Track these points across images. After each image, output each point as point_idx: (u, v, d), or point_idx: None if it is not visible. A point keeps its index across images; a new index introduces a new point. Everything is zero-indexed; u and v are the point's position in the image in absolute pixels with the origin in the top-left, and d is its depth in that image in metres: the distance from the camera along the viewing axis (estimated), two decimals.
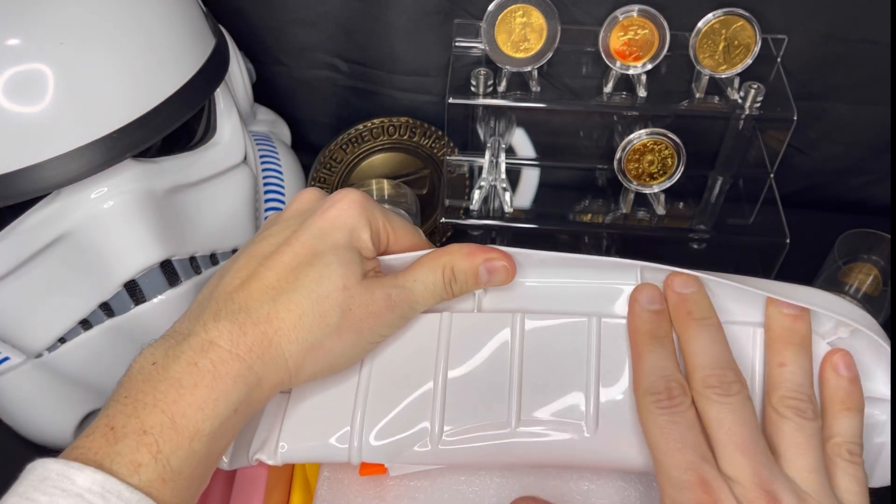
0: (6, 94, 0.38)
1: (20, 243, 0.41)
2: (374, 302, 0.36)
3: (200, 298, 0.36)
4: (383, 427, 0.37)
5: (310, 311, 0.34)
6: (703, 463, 0.32)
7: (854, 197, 0.67)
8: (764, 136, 0.57)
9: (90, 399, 0.48)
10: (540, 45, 0.53)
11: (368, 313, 0.35)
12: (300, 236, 0.36)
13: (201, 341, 0.32)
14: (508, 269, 0.38)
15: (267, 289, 0.34)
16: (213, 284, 0.36)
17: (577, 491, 0.39)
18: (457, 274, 0.38)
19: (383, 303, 0.36)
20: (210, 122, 0.49)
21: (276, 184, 0.56)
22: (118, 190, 0.41)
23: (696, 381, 0.35)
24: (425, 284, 0.37)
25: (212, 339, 0.32)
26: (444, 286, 0.38)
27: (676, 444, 0.33)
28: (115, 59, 0.40)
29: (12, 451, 0.51)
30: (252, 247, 0.37)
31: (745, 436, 0.33)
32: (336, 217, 0.37)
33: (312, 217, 0.37)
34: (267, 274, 0.35)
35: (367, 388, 0.38)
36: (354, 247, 0.36)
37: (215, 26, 0.51)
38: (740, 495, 0.32)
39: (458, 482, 0.40)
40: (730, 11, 0.51)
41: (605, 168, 0.61)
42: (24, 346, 0.46)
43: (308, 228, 0.36)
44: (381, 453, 0.37)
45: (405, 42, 0.60)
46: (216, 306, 0.34)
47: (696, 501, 0.31)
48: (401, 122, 0.63)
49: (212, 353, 0.32)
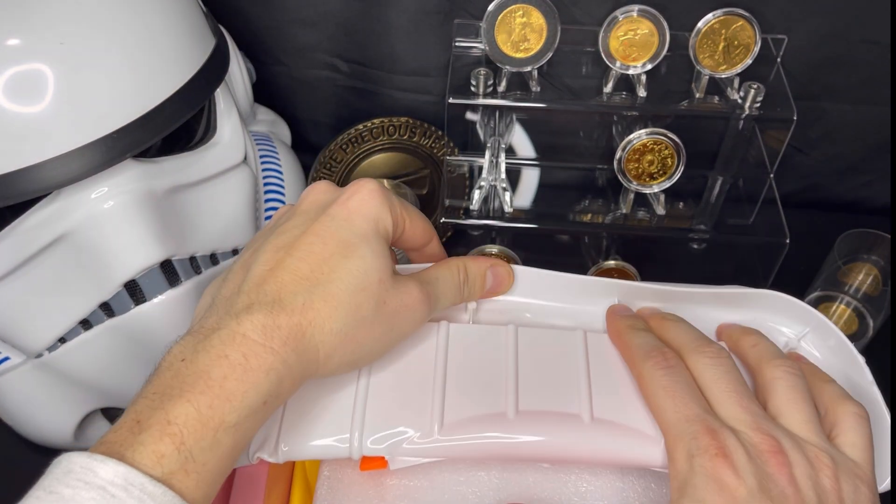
0: (6, 94, 0.38)
1: (20, 243, 0.41)
2: (409, 294, 0.36)
3: (227, 293, 0.35)
4: (383, 423, 0.37)
5: (346, 302, 0.34)
6: (707, 414, 0.34)
7: (854, 197, 0.67)
8: (764, 136, 0.57)
9: (90, 399, 0.48)
10: (540, 45, 0.53)
11: (402, 305, 0.36)
12: (327, 226, 0.36)
13: (232, 334, 0.32)
14: (510, 275, 0.41)
15: (301, 279, 0.34)
16: (238, 278, 0.35)
17: (575, 492, 0.39)
18: (469, 275, 0.40)
19: (417, 295, 0.37)
20: (210, 122, 0.49)
21: (276, 184, 0.56)
22: (118, 190, 0.41)
23: (687, 352, 0.37)
24: (446, 282, 0.39)
25: (244, 331, 0.32)
26: (460, 286, 0.40)
27: (681, 400, 0.35)
28: (115, 59, 0.40)
29: (12, 451, 0.51)
30: (275, 238, 0.36)
31: (741, 392, 0.35)
32: (359, 207, 0.36)
33: (334, 206, 0.37)
34: (299, 265, 0.34)
35: (366, 389, 0.38)
36: (381, 237, 0.37)
37: (215, 26, 0.51)
38: (744, 440, 0.33)
39: (457, 482, 0.40)
40: (730, 11, 0.51)
41: (605, 168, 0.61)
42: (24, 346, 0.46)
43: (333, 219, 0.36)
44: (381, 446, 0.37)
45: (405, 42, 0.60)
46: (247, 299, 0.33)
47: (705, 447, 0.33)
48: (401, 122, 0.63)
49: (244, 346, 0.31)
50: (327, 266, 0.34)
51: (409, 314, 0.37)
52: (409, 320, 0.37)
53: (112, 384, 0.47)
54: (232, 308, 0.33)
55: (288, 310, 0.33)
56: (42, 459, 0.52)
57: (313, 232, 0.35)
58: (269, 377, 0.31)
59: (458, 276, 0.39)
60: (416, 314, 0.37)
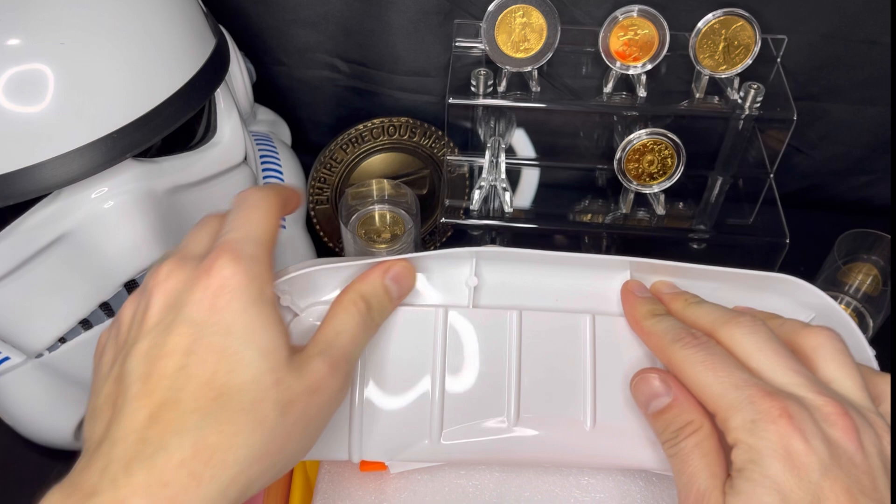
0: (6, 94, 0.38)
1: (20, 243, 0.41)
2: (314, 376, 0.31)
3: (97, 436, 0.29)
4: (382, 428, 0.37)
5: (244, 424, 0.28)
6: (757, 380, 0.31)
7: (854, 197, 0.67)
8: (764, 136, 0.57)
9: None
10: (540, 45, 0.53)
11: (311, 395, 0.30)
12: (196, 337, 0.29)
13: (111, 502, 0.26)
14: (408, 269, 0.36)
15: (186, 415, 0.28)
16: (106, 416, 0.29)
17: (577, 485, 0.39)
18: (368, 300, 0.34)
19: (324, 373, 0.31)
20: (210, 122, 0.49)
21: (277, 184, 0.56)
22: (118, 190, 0.41)
23: (718, 326, 0.34)
24: (348, 330, 0.33)
25: (123, 498, 0.26)
26: (365, 319, 0.34)
27: (724, 371, 0.31)
28: (115, 59, 0.40)
29: (12, 451, 0.51)
30: (135, 363, 0.29)
31: (790, 356, 0.32)
32: (226, 292, 0.30)
33: (192, 306, 0.30)
34: (179, 397, 0.28)
35: (363, 389, 0.37)
36: (267, 308, 0.30)
37: (215, 26, 0.51)
38: (807, 404, 0.30)
39: (458, 476, 0.40)
40: (730, 11, 0.51)
41: (605, 168, 0.61)
42: (25, 346, 0.46)
43: (195, 326, 0.29)
44: (380, 452, 0.37)
45: (405, 42, 0.60)
46: (124, 452, 0.27)
47: (766, 410, 0.29)
48: (401, 122, 0.63)
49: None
50: (211, 389, 0.28)
51: (322, 398, 0.31)
52: (326, 404, 0.31)
53: None
54: (108, 465, 0.27)
55: (176, 457, 0.27)
56: (42, 459, 0.52)
57: (185, 351, 0.29)
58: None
59: (358, 314, 0.34)
60: (329, 395, 0.31)
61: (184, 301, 0.30)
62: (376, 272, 0.35)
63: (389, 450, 0.37)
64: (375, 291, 0.35)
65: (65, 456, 0.50)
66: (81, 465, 0.28)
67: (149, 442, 0.27)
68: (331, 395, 0.32)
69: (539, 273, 0.39)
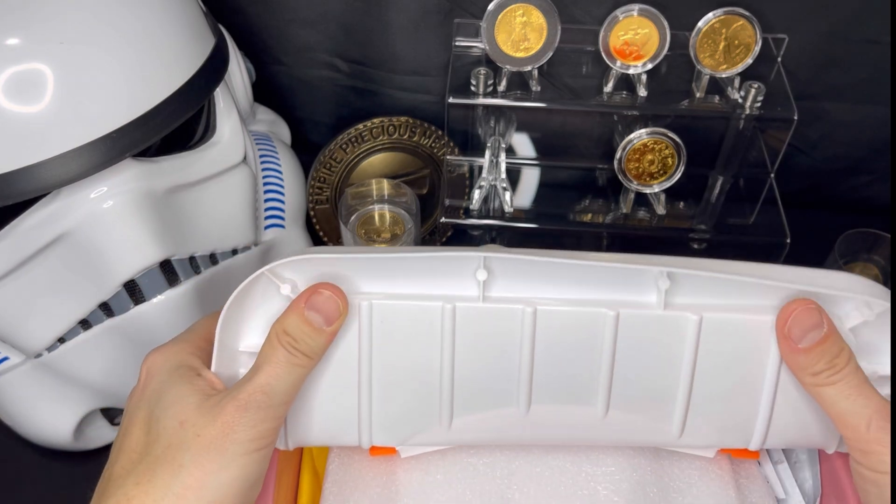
0: (6, 94, 0.38)
1: (20, 243, 0.41)
2: (222, 418, 0.32)
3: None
4: (391, 415, 0.37)
5: (154, 463, 0.32)
6: None
7: (854, 197, 0.67)
8: (764, 136, 0.57)
9: (90, 399, 0.48)
10: (540, 44, 0.53)
11: (225, 433, 0.32)
12: (129, 416, 0.35)
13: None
14: (329, 295, 0.35)
15: (117, 477, 0.33)
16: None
17: (587, 460, 0.40)
18: (291, 334, 0.34)
19: (230, 413, 0.33)
20: (210, 121, 0.49)
21: (276, 184, 0.56)
22: (118, 189, 0.41)
23: None
24: (271, 368, 0.34)
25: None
26: (289, 355, 0.34)
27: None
28: (114, 59, 0.40)
29: (12, 451, 0.51)
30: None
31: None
32: (148, 373, 0.36)
33: (131, 396, 0.36)
34: (116, 459, 0.34)
35: (369, 377, 0.37)
36: (177, 373, 0.35)
37: (215, 26, 0.51)
38: None
39: (468, 454, 0.40)
40: (730, 11, 0.51)
41: (605, 168, 0.61)
42: (24, 346, 0.46)
43: (131, 406, 0.36)
44: (390, 438, 0.38)
45: (405, 42, 0.60)
46: (104, 489, 0.33)
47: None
48: (401, 122, 0.63)
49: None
50: (133, 452, 0.33)
51: (239, 437, 0.32)
52: (247, 441, 0.33)
53: (111, 384, 0.47)
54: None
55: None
56: (42, 459, 0.52)
57: (122, 431, 0.35)
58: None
59: (282, 350, 0.34)
60: (247, 433, 0.33)
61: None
62: (294, 305, 0.35)
63: (399, 436, 0.38)
64: (297, 325, 0.34)
65: (64, 456, 0.50)
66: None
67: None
68: (250, 432, 0.33)
69: (555, 274, 0.37)
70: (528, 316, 0.36)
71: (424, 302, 0.36)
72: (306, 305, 0.35)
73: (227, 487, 0.32)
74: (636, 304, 0.36)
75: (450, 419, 0.37)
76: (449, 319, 0.36)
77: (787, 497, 0.41)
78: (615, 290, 0.37)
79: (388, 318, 0.36)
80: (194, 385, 0.34)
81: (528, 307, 0.36)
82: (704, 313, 0.36)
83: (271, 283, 0.36)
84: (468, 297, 0.36)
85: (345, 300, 0.35)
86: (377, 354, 0.37)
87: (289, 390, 0.34)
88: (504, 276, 0.37)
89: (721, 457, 0.41)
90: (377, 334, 0.36)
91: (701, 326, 0.36)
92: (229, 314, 0.35)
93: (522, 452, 0.40)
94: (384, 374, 0.37)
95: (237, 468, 0.32)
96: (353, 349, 0.37)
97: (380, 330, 0.36)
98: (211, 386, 0.35)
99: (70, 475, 0.51)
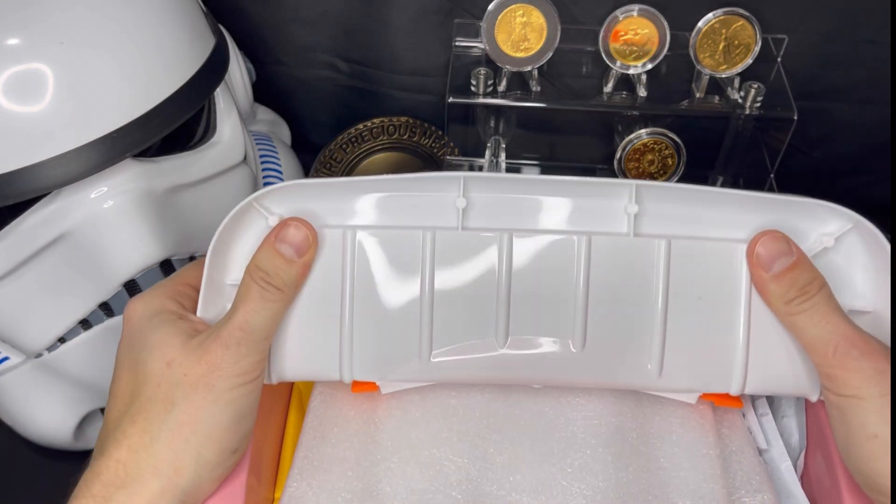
0: (6, 94, 0.38)
1: (20, 243, 0.41)
2: (207, 356, 0.34)
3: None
4: (372, 348, 0.38)
5: (146, 403, 0.34)
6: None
7: (855, 197, 0.67)
8: (764, 136, 0.57)
9: (90, 399, 0.48)
10: (540, 44, 0.53)
11: (211, 371, 0.34)
12: (117, 361, 0.37)
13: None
14: (299, 226, 0.36)
15: (113, 420, 0.35)
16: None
17: (568, 404, 0.41)
18: (265, 269, 0.35)
19: (215, 351, 0.34)
20: (210, 121, 0.49)
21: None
22: (118, 190, 0.41)
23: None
24: (244, 304, 0.35)
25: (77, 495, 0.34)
26: (264, 290, 0.35)
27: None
28: (114, 59, 0.40)
29: (12, 451, 0.51)
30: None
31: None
32: (128, 318, 0.37)
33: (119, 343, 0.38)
34: (110, 405, 0.36)
35: (351, 310, 0.38)
36: (159, 317, 0.36)
37: (215, 26, 0.51)
38: None
39: (448, 396, 0.41)
40: (730, 11, 0.51)
41: (605, 168, 0.61)
42: (24, 346, 0.46)
43: (118, 352, 0.37)
44: (371, 372, 0.38)
45: (405, 42, 0.60)
46: (103, 437, 0.35)
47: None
48: (401, 122, 0.63)
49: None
50: (126, 395, 0.35)
51: (225, 372, 0.34)
52: (233, 375, 0.34)
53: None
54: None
55: (107, 452, 0.34)
56: (42, 460, 0.52)
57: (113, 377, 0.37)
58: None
59: (255, 286, 0.35)
60: (233, 369, 0.34)
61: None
62: (266, 240, 0.36)
63: (380, 369, 0.38)
64: (270, 259, 0.36)
65: (64, 456, 0.50)
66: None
67: (104, 440, 0.35)
68: (234, 368, 0.34)
69: (532, 193, 0.38)
70: (504, 243, 0.37)
71: (405, 231, 0.37)
72: (276, 239, 0.36)
73: (218, 420, 0.34)
74: (608, 233, 0.38)
75: (429, 351, 0.38)
76: (430, 247, 0.37)
77: (768, 447, 0.42)
78: (588, 219, 0.38)
79: (370, 247, 0.37)
80: (177, 326, 0.35)
81: (505, 234, 0.37)
82: (673, 240, 0.37)
83: (259, 216, 0.36)
84: (448, 226, 0.38)
85: (313, 231, 0.36)
86: (358, 286, 0.37)
87: (267, 324, 0.35)
88: (483, 205, 0.38)
89: (704, 407, 0.41)
90: (359, 264, 0.37)
91: (670, 252, 0.37)
92: (217, 247, 0.36)
93: (501, 396, 0.41)
94: (364, 305, 0.38)
95: (226, 402, 0.34)
96: (335, 280, 0.37)
97: (361, 259, 0.37)
98: (193, 328, 0.36)
99: (70, 475, 0.51)
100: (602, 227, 0.38)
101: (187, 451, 0.33)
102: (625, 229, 0.38)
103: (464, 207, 0.37)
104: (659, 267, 0.37)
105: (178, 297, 0.37)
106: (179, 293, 0.37)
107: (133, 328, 0.36)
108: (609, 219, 0.38)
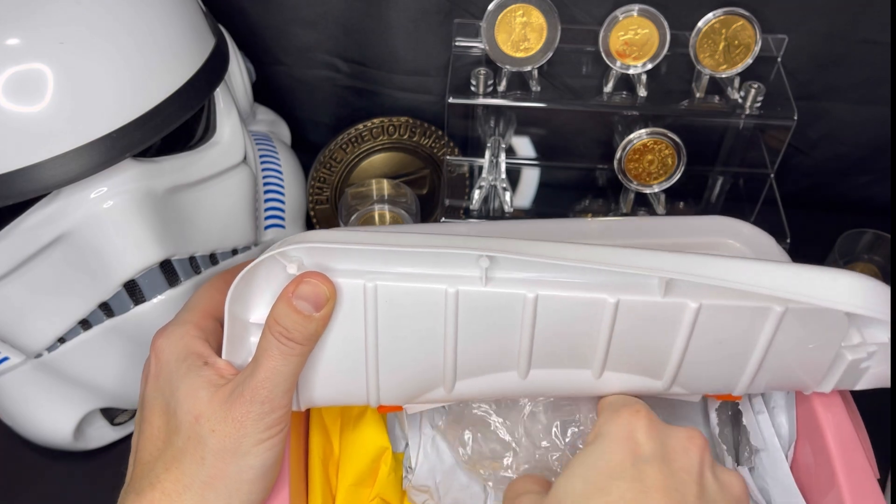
0: (6, 94, 0.38)
1: (20, 243, 0.41)
2: (234, 410, 0.35)
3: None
4: (398, 378, 0.39)
5: (179, 454, 0.35)
6: None
7: (854, 197, 0.67)
8: (764, 136, 0.57)
9: (90, 399, 0.48)
10: (540, 44, 0.53)
11: (233, 424, 0.35)
12: (142, 404, 0.38)
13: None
14: (315, 282, 0.36)
15: (146, 462, 0.36)
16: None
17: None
18: (283, 324, 0.35)
19: (244, 406, 0.35)
20: (210, 121, 0.49)
21: (276, 184, 0.56)
22: (118, 190, 0.41)
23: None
24: (268, 361, 0.35)
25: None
26: (284, 346, 0.35)
27: None
28: (114, 59, 0.40)
29: (12, 451, 0.51)
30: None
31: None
32: (157, 360, 0.38)
33: (145, 385, 0.38)
34: (142, 446, 0.37)
35: (376, 356, 0.38)
36: (186, 364, 0.37)
37: (215, 26, 0.51)
38: None
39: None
40: (730, 11, 0.51)
41: (605, 168, 0.61)
42: (24, 346, 0.46)
43: (145, 393, 0.38)
44: (397, 398, 0.40)
45: (405, 42, 0.60)
46: (137, 475, 0.36)
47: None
48: (401, 122, 0.63)
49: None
50: (159, 440, 0.36)
51: (242, 426, 0.35)
52: (251, 427, 0.35)
53: (111, 384, 0.47)
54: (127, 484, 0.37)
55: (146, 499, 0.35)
56: (42, 460, 0.52)
57: (138, 418, 0.38)
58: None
59: (273, 339, 0.35)
60: (250, 420, 0.35)
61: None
62: (282, 295, 0.36)
63: (405, 397, 0.40)
64: (287, 314, 0.35)
65: (64, 456, 0.50)
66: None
67: (134, 487, 0.36)
68: (259, 424, 0.35)
69: (559, 272, 0.37)
70: (529, 302, 0.37)
71: (428, 284, 0.37)
72: (293, 295, 0.36)
73: (245, 476, 0.36)
74: (637, 289, 0.37)
75: (452, 384, 0.39)
76: (452, 302, 0.37)
77: (765, 446, 0.43)
78: (617, 286, 0.37)
79: (393, 298, 0.37)
80: (203, 377, 0.36)
81: (530, 293, 0.36)
82: (703, 300, 0.37)
83: (277, 263, 0.36)
84: (471, 279, 0.37)
85: (332, 286, 0.36)
86: (383, 331, 0.37)
87: (289, 378, 0.36)
88: (507, 260, 0.37)
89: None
90: (382, 313, 0.37)
91: (699, 312, 0.37)
92: (237, 292, 0.36)
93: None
94: (390, 349, 0.38)
95: (253, 457, 0.35)
96: (359, 326, 0.37)
97: (385, 309, 0.37)
98: (219, 375, 0.36)
99: (70, 475, 0.51)
100: (631, 293, 0.37)
101: (217, 500, 0.35)
102: (656, 297, 0.37)
103: (487, 267, 0.37)
104: (686, 322, 0.37)
105: (202, 333, 0.38)
106: (204, 329, 0.38)
107: (161, 369, 0.37)
108: (640, 286, 0.37)
